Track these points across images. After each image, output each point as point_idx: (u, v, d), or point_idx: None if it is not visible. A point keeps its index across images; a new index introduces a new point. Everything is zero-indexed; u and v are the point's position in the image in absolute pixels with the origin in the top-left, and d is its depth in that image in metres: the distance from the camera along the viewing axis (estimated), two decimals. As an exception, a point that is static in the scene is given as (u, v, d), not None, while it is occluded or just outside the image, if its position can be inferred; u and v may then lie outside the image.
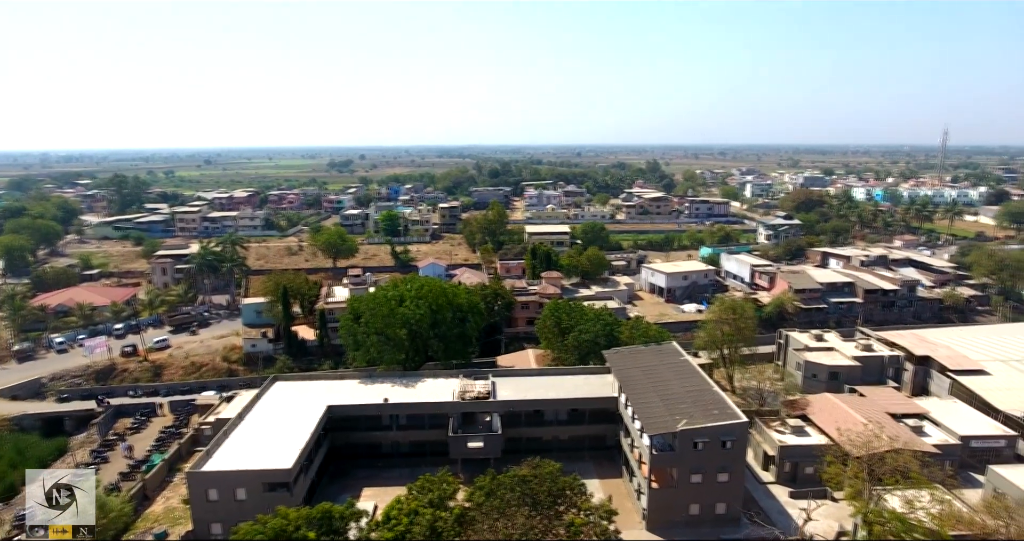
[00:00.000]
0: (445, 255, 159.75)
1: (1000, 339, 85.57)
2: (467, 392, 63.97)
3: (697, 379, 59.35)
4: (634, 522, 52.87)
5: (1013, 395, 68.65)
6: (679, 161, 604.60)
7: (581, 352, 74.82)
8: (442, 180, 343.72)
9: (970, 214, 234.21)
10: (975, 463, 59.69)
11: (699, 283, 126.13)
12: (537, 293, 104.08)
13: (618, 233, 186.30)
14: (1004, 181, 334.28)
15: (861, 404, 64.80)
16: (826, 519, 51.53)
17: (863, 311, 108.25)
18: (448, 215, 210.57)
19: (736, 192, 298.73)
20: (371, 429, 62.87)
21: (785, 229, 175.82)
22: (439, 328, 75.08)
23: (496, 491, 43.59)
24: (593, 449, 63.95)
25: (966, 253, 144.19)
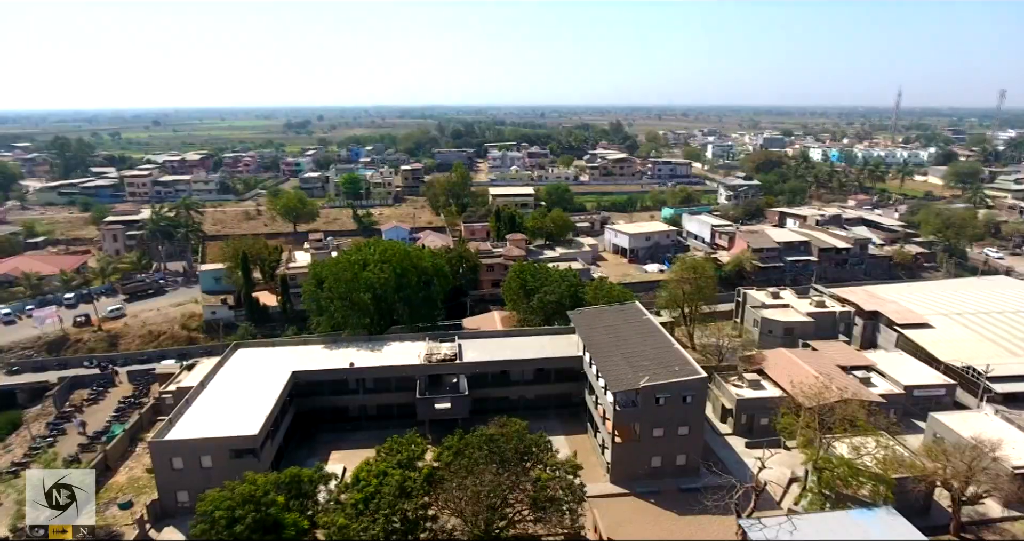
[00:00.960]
0: (408, 218, 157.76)
1: (944, 294, 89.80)
2: (434, 354, 64.23)
3: (659, 337, 60.76)
4: (599, 476, 54.67)
5: (954, 347, 72.55)
6: (642, 122, 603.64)
7: (546, 313, 75.60)
8: (404, 141, 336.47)
9: (920, 174, 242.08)
10: (917, 411, 63.30)
11: (661, 243, 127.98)
12: (502, 255, 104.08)
13: (582, 195, 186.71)
14: (952, 142, 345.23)
15: (814, 358, 67.59)
16: (779, 467, 54.18)
17: (818, 269, 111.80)
18: (411, 177, 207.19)
19: (698, 153, 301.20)
20: (338, 394, 62.81)
21: (745, 190, 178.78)
22: (404, 292, 74.61)
23: (464, 450, 44.28)
24: (559, 407, 65.40)
25: (915, 212, 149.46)
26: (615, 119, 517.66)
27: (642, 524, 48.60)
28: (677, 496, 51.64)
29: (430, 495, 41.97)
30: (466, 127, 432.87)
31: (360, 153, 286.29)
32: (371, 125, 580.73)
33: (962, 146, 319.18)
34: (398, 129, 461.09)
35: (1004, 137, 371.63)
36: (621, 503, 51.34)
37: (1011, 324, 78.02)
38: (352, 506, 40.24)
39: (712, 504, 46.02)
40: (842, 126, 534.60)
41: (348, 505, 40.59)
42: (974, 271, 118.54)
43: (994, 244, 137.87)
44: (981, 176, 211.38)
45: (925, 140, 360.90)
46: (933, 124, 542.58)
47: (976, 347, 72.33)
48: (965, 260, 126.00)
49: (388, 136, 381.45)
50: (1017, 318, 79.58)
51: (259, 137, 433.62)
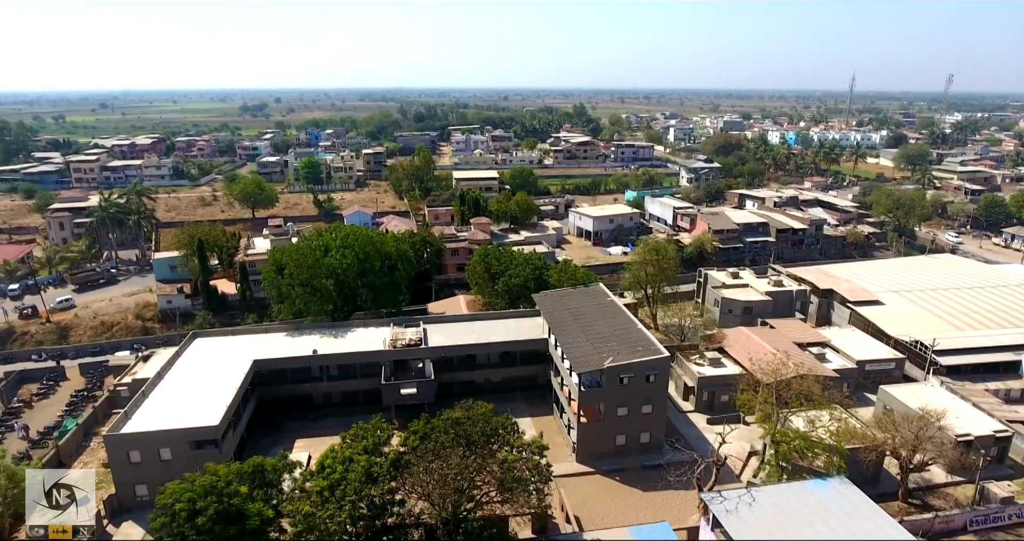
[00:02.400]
0: (371, 203, 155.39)
1: (894, 272, 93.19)
2: (399, 340, 63.75)
3: (623, 318, 61.56)
4: (565, 455, 55.42)
5: (903, 322, 75.49)
6: (605, 105, 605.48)
7: (511, 296, 75.75)
8: (365, 125, 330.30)
9: (872, 156, 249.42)
10: (869, 384, 65.81)
11: (624, 226, 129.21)
12: (466, 239, 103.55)
13: (546, 178, 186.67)
14: (903, 125, 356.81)
15: (771, 335, 69.49)
16: (739, 441, 55.83)
17: (775, 249, 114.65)
18: (373, 161, 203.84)
19: (660, 136, 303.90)
20: (301, 381, 61.89)
21: (705, 172, 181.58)
22: (367, 277, 73.63)
23: (430, 434, 44.18)
24: (525, 389, 65.87)
25: (867, 193, 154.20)
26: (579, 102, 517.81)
27: (607, 501, 49.57)
28: (641, 473, 52.78)
29: (397, 480, 41.83)
30: (429, 110, 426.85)
31: (320, 137, 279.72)
32: (331, 108, 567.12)
33: (912, 129, 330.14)
34: (359, 112, 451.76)
35: (951, 120, 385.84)
36: (587, 481, 52.22)
37: (956, 300, 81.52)
38: (317, 493, 39.84)
39: (675, 479, 47.21)
40: (799, 109, 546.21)
41: (313, 493, 40.17)
42: (922, 250, 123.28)
43: (941, 225, 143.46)
44: (929, 158, 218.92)
45: (877, 123, 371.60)
46: (885, 108, 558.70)
47: (923, 322, 75.41)
48: (914, 239, 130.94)
49: (349, 119, 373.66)
50: (961, 294, 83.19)
51: (214, 120, 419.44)
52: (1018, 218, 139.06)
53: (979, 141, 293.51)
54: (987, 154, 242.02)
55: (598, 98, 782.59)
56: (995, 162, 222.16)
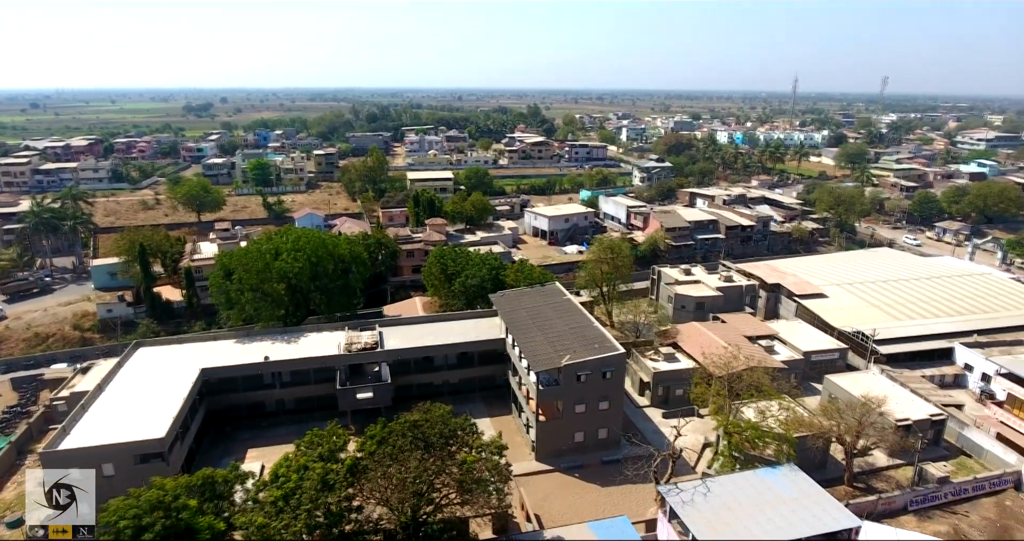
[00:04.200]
0: (323, 205, 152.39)
1: (836, 266, 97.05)
2: (354, 344, 62.67)
3: (579, 316, 62.11)
4: (524, 454, 55.55)
5: (845, 314, 78.67)
6: (559, 106, 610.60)
7: (468, 297, 75.45)
8: (316, 125, 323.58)
9: (815, 155, 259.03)
10: (815, 374, 68.30)
11: (580, 225, 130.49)
12: (422, 240, 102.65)
13: (501, 178, 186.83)
14: (843, 125, 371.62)
15: (722, 330, 71.34)
16: (693, 434, 57.02)
17: (725, 246, 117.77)
18: (324, 162, 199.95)
19: (613, 136, 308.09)
20: (252, 389, 60.12)
21: (657, 171, 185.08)
22: (320, 280, 72.12)
23: (388, 438, 43.56)
24: (483, 389, 65.74)
25: (811, 191, 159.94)
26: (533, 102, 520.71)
27: (567, 498, 49.92)
28: (600, 469, 53.38)
29: (354, 486, 41.08)
30: (382, 110, 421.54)
31: (269, 137, 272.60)
32: (280, 108, 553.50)
33: (851, 129, 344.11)
34: (309, 112, 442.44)
35: (887, 121, 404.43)
36: (547, 479, 52.48)
37: (894, 291, 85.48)
38: (271, 504, 38.75)
39: (633, 474, 47.95)
40: (746, 110, 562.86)
41: (267, 503, 39.05)
42: (862, 244, 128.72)
43: (879, 221, 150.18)
44: (867, 157, 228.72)
45: (819, 123, 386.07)
46: (826, 108, 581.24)
47: (864, 313, 78.79)
48: (854, 234, 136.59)
49: (299, 120, 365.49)
50: (899, 285, 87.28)
51: (155, 121, 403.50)
52: (949, 213, 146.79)
53: (912, 140, 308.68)
54: (920, 153, 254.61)
55: (552, 98, 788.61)
56: (927, 160, 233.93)
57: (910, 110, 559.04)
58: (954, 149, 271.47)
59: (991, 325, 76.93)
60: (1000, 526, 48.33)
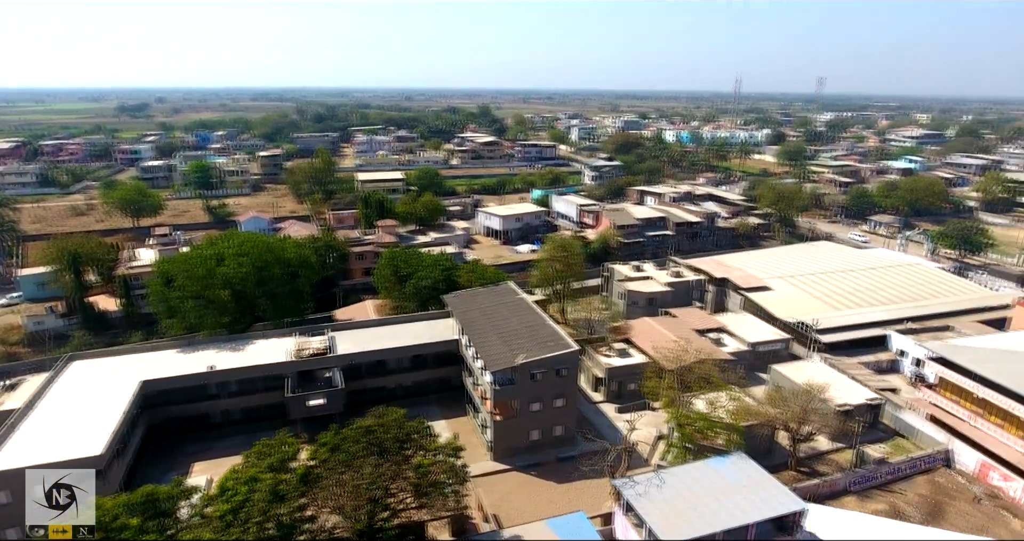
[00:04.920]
0: (269, 208, 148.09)
1: (779, 259, 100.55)
2: (303, 349, 61.12)
3: (533, 315, 62.31)
4: (481, 455, 55.35)
5: (788, 305, 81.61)
6: (510, 105, 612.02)
7: (421, 298, 74.68)
8: (260, 126, 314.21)
9: (757, 153, 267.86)
10: (760, 364, 70.54)
11: (532, 224, 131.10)
12: (372, 242, 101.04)
13: (453, 178, 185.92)
14: (783, 124, 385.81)
15: (673, 324, 72.90)
16: (647, 427, 58.14)
17: (674, 242, 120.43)
18: (270, 164, 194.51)
19: (563, 135, 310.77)
20: (196, 400, 57.84)
21: (607, 170, 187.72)
22: (267, 286, 70.04)
23: (341, 445, 42.71)
24: (438, 391, 65.19)
25: (754, 187, 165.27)
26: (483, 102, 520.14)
27: (525, 496, 50.02)
28: (556, 466, 53.71)
29: (307, 495, 40.04)
30: (329, 110, 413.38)
31: (210, 138, 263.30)
32: (221, 108, 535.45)
33: (790, 128, 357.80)
34: (252, 112, 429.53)
35: (823, 120, 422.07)
36: (504, 479, 52.45)
37: (832, 282, 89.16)
38: (219, 518, 37.32)
39: (588, 469, 48.46)
40: (691, 109, 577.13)
41: (215, 518, 37.60)
42: (802, 238, 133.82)
43: (817, 215, 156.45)
44: (806, 154, 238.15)
45: (760, 123, 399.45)
46: (767, 108, 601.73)
47: (806, 304, 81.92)
48: (795, 228, 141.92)
49: (241, 120, 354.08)
50: (837, 277, 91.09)
51: (86, 122, 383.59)
52: (881, 207, 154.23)
53: (847, 138, 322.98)
54: (854, 150, 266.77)
55: (502, 98, 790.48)
56: (860, 157, 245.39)
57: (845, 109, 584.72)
58: (885, 146, 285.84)
59: (922, 312, 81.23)
60: (933, 502, 51.05)
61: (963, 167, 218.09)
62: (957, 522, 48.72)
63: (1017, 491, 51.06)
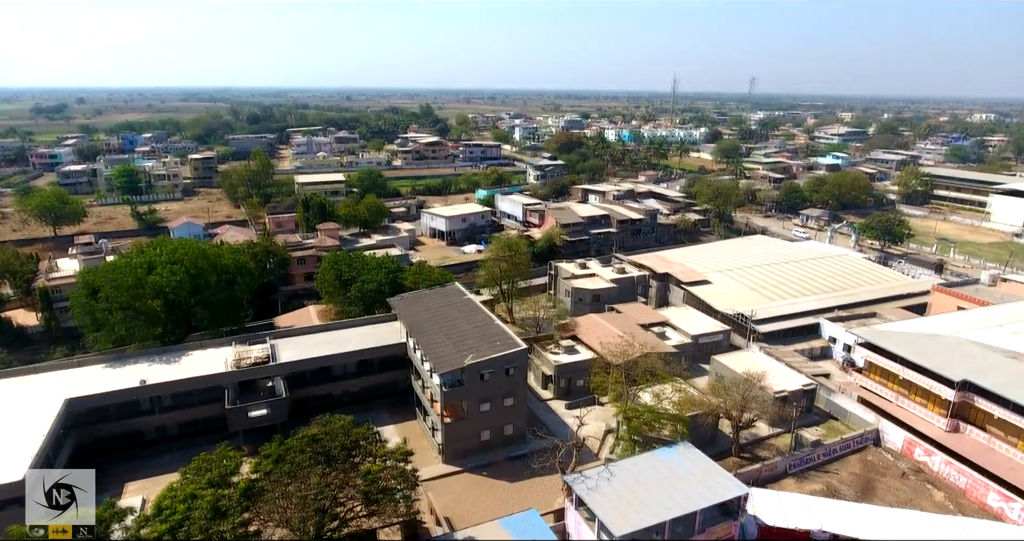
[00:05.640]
0: (203, 213, 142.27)
1: (718, 254, 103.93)
2: (243, 359, 58.93)
3: (480, 315, 62.13)
4: (431, 458, 54.82)
5: (728, 298, 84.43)
6: (452, 105, 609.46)
7: (366, 302, 73.30)
8: (191, 127, 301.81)
9: (695, 151, 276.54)
10: (703, 355, 72.68)
11: (477, 224, 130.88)
12: (314, 246, 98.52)
13: (396, 179, 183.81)
14: (718, 123, 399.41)
15: (618, 320, 74.22)
16: (596, 422, 58.97)
17: (617, 239, 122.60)
18: (202, 167, 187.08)
19: (507, 135, 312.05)
20: (128, 417, 54.83)
21: (551, 169, 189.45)
22: (202, 294, 67.18)
23: (285, 456, 41.42)
24: (386, 396, 64.11)
25: (692, 184, 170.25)
26: (425, 102, 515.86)
27: (477, 498, 49.84)
28: (508, 465, 53.75)
29: (250, 510, 38.62)
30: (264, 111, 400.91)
31: (137, 141, 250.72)
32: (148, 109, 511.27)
33: (725, 126, 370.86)
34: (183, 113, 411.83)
35: (756, 118, 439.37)
36: (455, 481, 52.11)
37: (768, 274, 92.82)
38: (156, 539, 35.58)
39: (539, 466, 48.67)
40: (631, 109, 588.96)
41: (151, 539, 35.81)
42: (739, 232, 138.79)
43: (752, 210, 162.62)
44: (740, 152, 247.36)
45: (697, 121, 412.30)
46: (703, 107, 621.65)
47: (743, 296, 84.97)
48: (732, 223, 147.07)
49: (171, 121, 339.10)
50: (772, 269, 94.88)
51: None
52: (811, 201, 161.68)
53: (778, 136, 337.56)
54: (784, 147, 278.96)
55: (444, 98, 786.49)
56: (791, 154, 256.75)
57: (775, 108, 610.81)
58: (813, 143, 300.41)
59: (850, 300, 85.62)
60: (864, 479, 53.89)
61: (884, 162, 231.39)
62: (886, 497, 51.58)
63: (938, 464, 54.51)
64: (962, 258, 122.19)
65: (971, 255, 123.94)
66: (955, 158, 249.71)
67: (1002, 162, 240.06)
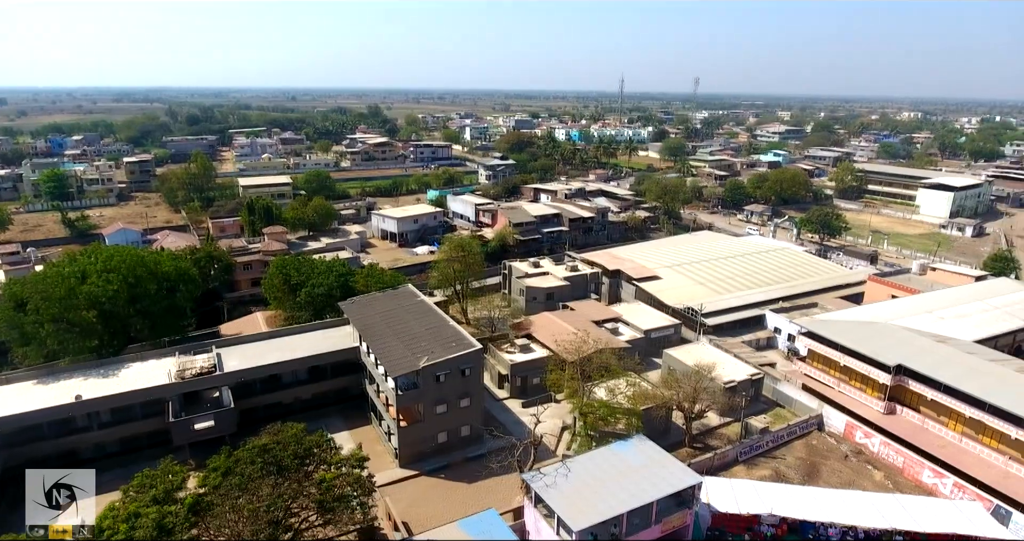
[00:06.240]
0: (139, 218, 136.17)
1: (667, 250, 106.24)
2: (187, 369, 56.66)
3: (434, 317, 61.62)
4: (387, 462, 54.03)
5: (677, 292, 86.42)
6: (401, 105, 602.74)
7: (316, 307, 71.63)
8: (125, 129, 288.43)
9: (643, 150, 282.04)
10: (655, 350, 74.01)
11: (429, 225, 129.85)
12: (260, 251, 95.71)
13: (344, 181, 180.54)
14: (664, 122, 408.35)
15: (571, 317, 74.89)
16: (552, 419, 59.30)
17: (569, 237, 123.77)
18: (138, 171, 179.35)
19: (457, 135, 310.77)
20: (62, 435, 51.88)
21: (502, 169, 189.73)
22: (141, 303, 64.26)
23: (234, 468, 40.07)
24: (339, 402, 62.80)
25: (641, 182, 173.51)
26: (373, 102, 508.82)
27: (435, 500, 49.42)
28: (465, 466, 53.49)
29: (198, 526, 37.20)
30: (204, 112, 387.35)
31: (66, 144, 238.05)
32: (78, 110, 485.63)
33: (671, 125, 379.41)
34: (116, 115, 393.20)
35: (700, 117, 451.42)
36: (412, 485, 51.53)
37: (715, 269, 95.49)
38: (96, 562, 33.86)
39: (497, 466, 48.64)
40: (580, 108, 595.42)
41: (90, 563, 34.06)
42: (686, 228, 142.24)
43: (699, 207, 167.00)
44: (686, 150, 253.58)
45: (644, 120, 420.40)
46: (649, 107, 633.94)
47: (692, 290, 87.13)
48: (680, 220, 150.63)
49: (102, 123, 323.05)
50: (719, 263, 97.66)
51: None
52: (754, 197, 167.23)
53: (722, 134, 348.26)
54: (728, 145, 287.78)
55: (393, 98, 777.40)
56: (734, 151, 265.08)
57: (718, 108, 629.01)
58: (755, 141, 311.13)
59: (792, 292, 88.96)
60: (809, 463, 56.09)
61: (820, 159, 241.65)
62: (830, 479, 53.81)
63: (876, 446, 57.24)
64: (894, 249, 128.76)
65: (902, 246, 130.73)
66: (885, 155, 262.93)
67: (928, 158, 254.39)
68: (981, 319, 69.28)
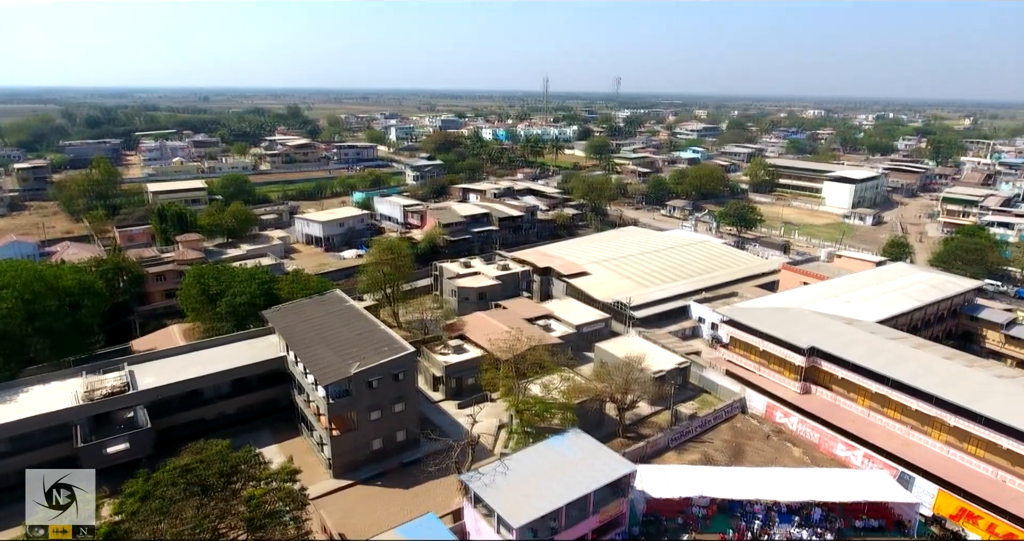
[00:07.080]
0: (35, 229, 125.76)
1: (594, 246, 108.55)
2: (96, 390, 52.72)
3: (364, 322, 60.25)
4: (320, 474, 52.40)
5: (606, 287, 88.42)
6: (322, 106, 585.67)
7: (237, 316, 68.42)
8: (13, 133, 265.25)
9: (568, 148, 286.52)
10: (586, 344, 75.50)
11: (356, 228, 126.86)
12: (174, 260, 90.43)
13: (264, 184, 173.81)
14: (588, 121, 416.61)
15: (504, 315, 75.18)
16: (488, 418, 59.30)
17: (499, 236, 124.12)
18: (32, 178, 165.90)
19: (382, 136, 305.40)
20: (-48, 469, 47.21)
21: (429, 169, 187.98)
22: (40, 321, 59.44)
23: (154, 491, 37.80)
24: (267, 415, 60.21)
25: (567, 180, 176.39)
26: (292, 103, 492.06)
27: (372, 509, 48.37)
28: (402, 472, 52.71)
29: (114, 556, 34.80)
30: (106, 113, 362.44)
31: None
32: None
33: (595, 124, 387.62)
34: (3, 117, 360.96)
35: (622, 116, 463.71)
36: (348, 495, 50.25)
37: (641, 263, 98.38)
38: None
39: (435, 469, 48.20)
40: (506, 108, 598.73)
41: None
42: (613, 224, 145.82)
43: (624, 203, 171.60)
44: (610, 148, 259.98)
45: (569, 120, 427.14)
46: (573, 106, 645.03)
47: (620, 285, 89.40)
48: (606, 216, 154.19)
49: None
50: (645, 258, 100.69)
51: None
52: (675, 193, 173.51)
53: (643, 132, 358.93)
54: (649, 143, 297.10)
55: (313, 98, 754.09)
56: (655, 149, 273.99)
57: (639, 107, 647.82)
58: (674, 139, 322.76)
59: (714, 283, 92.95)
60: (734, 444, 58.82)
61: (735, 155, 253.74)
62: (754, 458, 56.64)
63: (795, 424, 60.73)
64: (803, 239, 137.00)
65: (811, 236, 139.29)
66: (793, 150, 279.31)
67: (831, 153, 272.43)
68: (882, 301, 74.81)
